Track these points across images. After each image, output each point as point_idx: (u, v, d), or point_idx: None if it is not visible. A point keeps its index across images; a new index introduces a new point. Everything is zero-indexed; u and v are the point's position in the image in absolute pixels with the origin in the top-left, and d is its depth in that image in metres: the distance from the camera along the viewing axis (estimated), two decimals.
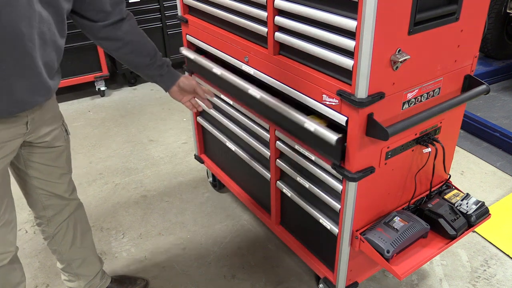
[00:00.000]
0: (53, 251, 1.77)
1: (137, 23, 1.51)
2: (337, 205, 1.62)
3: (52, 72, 1.34)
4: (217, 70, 1.99)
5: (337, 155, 1.48)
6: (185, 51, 2.22)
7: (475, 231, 2.31)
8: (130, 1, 3.78)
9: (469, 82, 1.67)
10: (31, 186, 1.56)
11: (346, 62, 1.35)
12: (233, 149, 2.21)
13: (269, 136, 1.88)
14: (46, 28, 1.25)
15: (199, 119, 2.46)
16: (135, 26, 1.50)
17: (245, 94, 1.86)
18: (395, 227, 1.60)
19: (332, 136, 1.45)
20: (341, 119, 1.44)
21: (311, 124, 1.53)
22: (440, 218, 1.67)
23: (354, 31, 1.28)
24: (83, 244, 1.79)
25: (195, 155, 2.68)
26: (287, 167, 1.86)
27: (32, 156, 1.48)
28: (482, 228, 2.06)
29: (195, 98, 1.72)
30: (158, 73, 1.57)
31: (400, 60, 1.32)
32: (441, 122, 1.70)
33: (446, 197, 1.78)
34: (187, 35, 2.23)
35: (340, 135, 1.44)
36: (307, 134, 1.57)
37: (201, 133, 2.56)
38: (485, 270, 2.12)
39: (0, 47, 1.16)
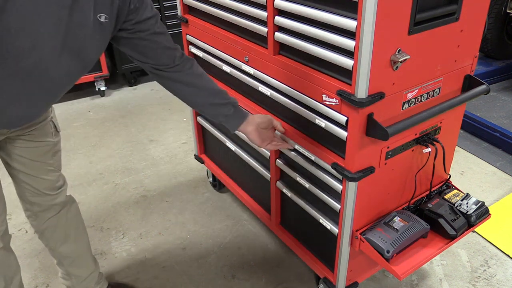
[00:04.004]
0: (45, 245, 1.76)
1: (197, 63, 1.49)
2: (337, 205, 1.62)
3: (50, 105, 1.39)
4: (227, 67, 1.99)
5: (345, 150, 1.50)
6: (194, 49, 2.23)
7: (475, 231, 2.31)
8: None
9: (469, 82, 1.67)
10: (16, 179, 1.55)
11: (346, 62, 1.35)
12: (233, 149, 2.21)
13: None
14: (71, 80, 1.29)
15: (199, 119, 2.46)
16: (197, 67, 1.48)
17: (254, 91, 1.87)
18: (395, 227, 1.60)
19: (343, 133, 1.46)
20: (341, 119, 1.44)
21: (321, 120, 1.55)
22: (440, 218, 1.67)
23: (354, 31, 1.28)
24: (77, 243, 1.77)
25: (195, 155, 2.68)
26: (287, 167, 1.86)
27: (15, 149, 1.47)
28: (482, 228, 2.06)
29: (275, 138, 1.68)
30: (223, 113, 1.52)
31: (400, 60, 1.32)
32: (441, 122, 1.70)
33: (446, 197, 1.78)
34: (187, 35, 2.23)
35: None
36: (317, 130, 1.60)
37: (201, 133, 2.56)
38: (485, 270, 2.12)
39: (26, 83, 1.17)
